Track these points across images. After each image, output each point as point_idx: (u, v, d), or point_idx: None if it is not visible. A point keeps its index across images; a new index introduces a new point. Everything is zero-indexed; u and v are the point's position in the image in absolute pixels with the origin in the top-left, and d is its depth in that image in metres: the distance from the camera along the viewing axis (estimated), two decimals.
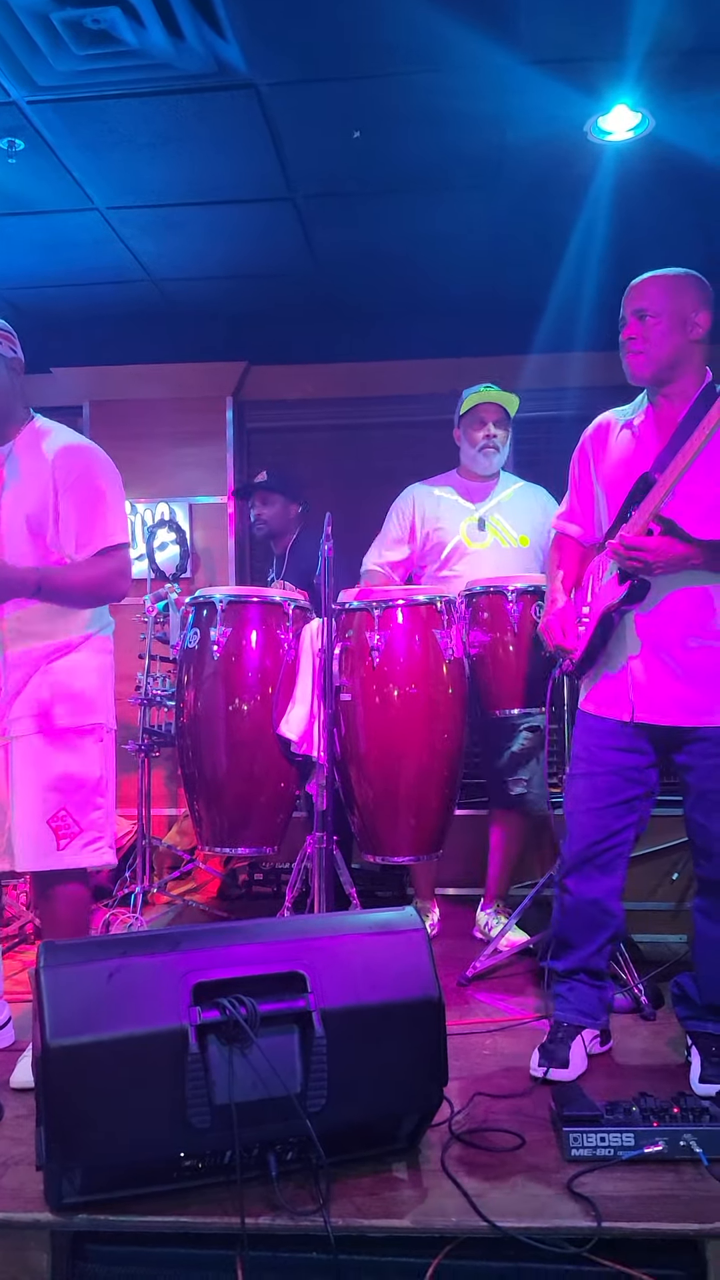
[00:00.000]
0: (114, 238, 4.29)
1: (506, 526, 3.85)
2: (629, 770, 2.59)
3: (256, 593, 3.58)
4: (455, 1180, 1.98)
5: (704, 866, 2.54)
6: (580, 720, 2.72)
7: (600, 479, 2.70)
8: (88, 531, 2.63)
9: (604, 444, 2.71)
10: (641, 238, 4.06)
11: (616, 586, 2.52)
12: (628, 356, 2.57)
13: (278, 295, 4.91)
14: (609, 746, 2.61)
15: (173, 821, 4.86)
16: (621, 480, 2.59)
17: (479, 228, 4.21)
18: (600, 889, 2.62)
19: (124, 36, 3.01)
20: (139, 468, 5.14)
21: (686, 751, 2.54)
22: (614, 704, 2.60)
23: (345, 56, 3.16)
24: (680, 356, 2.54)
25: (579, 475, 2.80)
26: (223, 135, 3.55)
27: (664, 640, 2.52)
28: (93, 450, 2.71)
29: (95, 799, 2.68)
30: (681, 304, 2.53)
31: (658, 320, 2.52)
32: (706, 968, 2.54)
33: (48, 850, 2.60)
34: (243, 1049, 1.90)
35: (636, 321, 2.55)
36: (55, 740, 2.63)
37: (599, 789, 2.61)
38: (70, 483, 2.62)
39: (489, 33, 3.04)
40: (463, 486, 3.96)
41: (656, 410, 2.61)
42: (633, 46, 3.10)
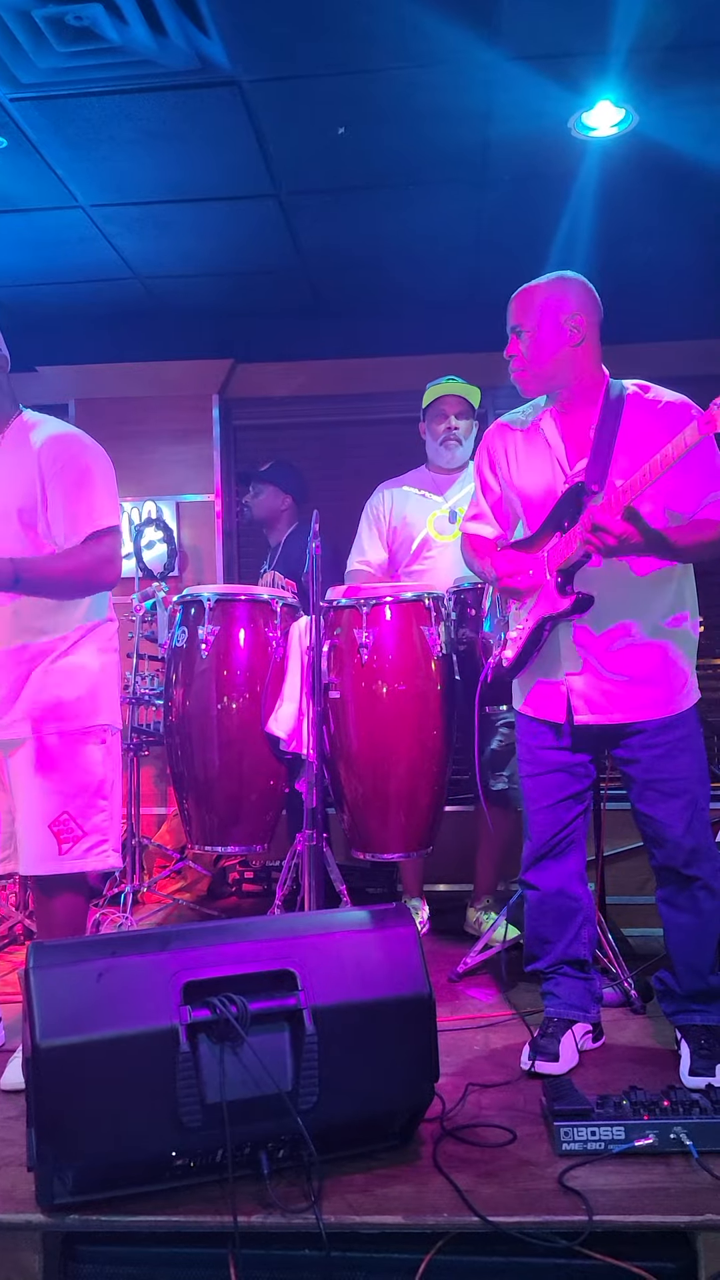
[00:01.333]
0: (98, 236, 4.28)
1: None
2: (573, 766, 2.64)
3: (244, 591, 3.58)
4: (447, 1175, 1.98)
5: (657, 855, 2.57)
6: (520, 723, 2.75)
7: (511, 483, 2.70)
8: (75, 515, 2.57)
9: (510, 448, 2.71)
10: (625, 234, 4.07)
11: (559, 597, 2.53)
12: (513, 375, 2.60)
13: (264, 292, 4.90)
14: (549, 746, 2.66)
15: (162, 820, 4.85)
16: (539, 484, 2.61)
17: (464, 223, 4.21)
18: (560, 877, 2.66)
19: (107, 33, 3.00)
20: (125, 466, 5.04)
21: (625, 746, 2.58)
22: (551, 708, 2.64)
23: (329, 53, 3.16)
24: (563, 364, 2.54)
25: (486, 480, 2.79)
26: (207, 132, 3.55)
27: (600, 650, 2.56)
28: (78, 436, 2.68)
29: (98, 802, 2.64)
30: (554, 313, 2.52)
31: (533, 334, 2.53)
32: (680, 955, 2.56)
33: (50, 855, 2.56)
34: (234, 1047, 1.90)
35: (515, 339, 2.56)
36: (56, 745, 2.60)
37: (547, 787, 2.66)
38: (56, 469, 2.58)
39: (472, 28, 3.04)
40: (429, 480, 3.96)
41: (562, 414, 2.62)
42: (616, 42, 3.11)
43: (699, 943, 2.55)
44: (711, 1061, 2.41)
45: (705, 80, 3.31)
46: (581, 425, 2.58)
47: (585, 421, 2.57)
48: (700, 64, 3.23)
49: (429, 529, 3.86)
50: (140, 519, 5.10)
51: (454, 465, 3.92)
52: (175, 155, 3.70)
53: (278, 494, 4.51)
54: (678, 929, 2.57)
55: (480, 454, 2.81)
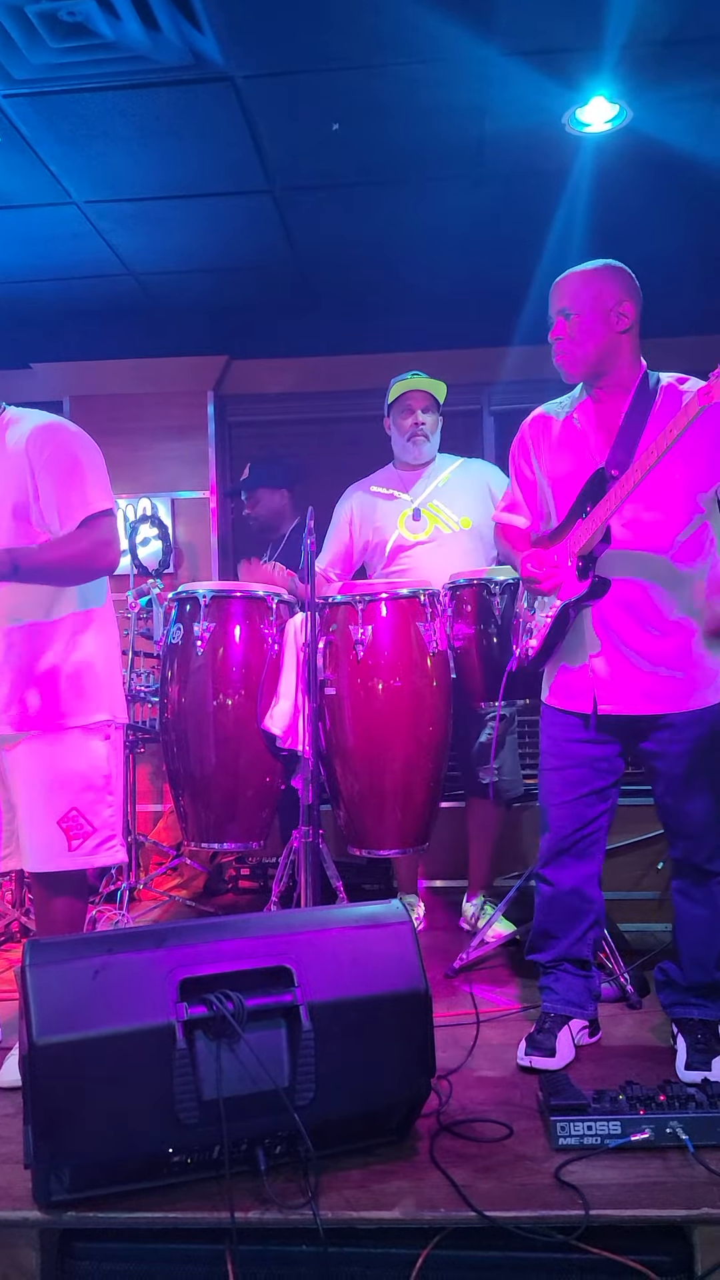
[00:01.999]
0: (92, 232, 4.27)
1: (446, 511, 3.84)
2: (598, 761, 2.62)
3: (240, 587, 3.57)
4: (444, 1171, 1.98)
5: (678, 848, 2.57)
6: (545, 714, 2.74)
7: (545, 473, 2.71)
8: (68, 503, 2.56)
9: (545, 438, 2.71)
10: (620, 229, 4.06)
11: (577, 582, 2.53)
12: (556, 358, 2.59)
13: (258, 289, 4.90)
14: (575, 740, 2.63)
15: (158, 817, 4.85)
16: (569, 473, 2.61)
17: (459, 219, 4.21)
18: (578, 877, 2.64)
19: (100, 29, 2.99)
20: (120, 463, 5.07)
21: (653, 739, 2.56)
22: (576, 698, 2.62)
23: (322, 48, 3.15)
24: (609, 350, 2.55)
25: (520, 469, 2.80)
26: (200, 128, 3.54)
27: (623, 634, 2.54)
28: (63, 424, 2.66)
29: (106, 797, 2.63)
30: (603, 298, 2.53)
31: (581, 318, 2.53)
32: (688, 947, 2.56)
33: (59, 852, 2.56)
34: (230, 1044, 1.90)
35: (562, 321, 2.56)
36: (61, 739, 2.59)
37: (570, 781, 2.64)
38: (44, 459, 2.56)
39: (467, 24, 3.04)
40: (397, 479, 3.96)
41: (596, 403, 2.62)
42: (610, 38, 3.11)
43: (709, 937, 2.55)
44: (708, 1056, 2.41)
45: (699, 76, 3.31)
46: (614, 414, 2.57)
47: (618, 411, 2.57)
48: (694, 59, 3.23)
49: (400, 530, 3.85)
50: (135, 516, 5.10)
51: (421, 461, 3.92)
52: (169, 151, 3.69)
53: (271, 492, 4.51)
54: (690, 921, 2.57)
55: (516, 443, 2.81)
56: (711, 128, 3.58)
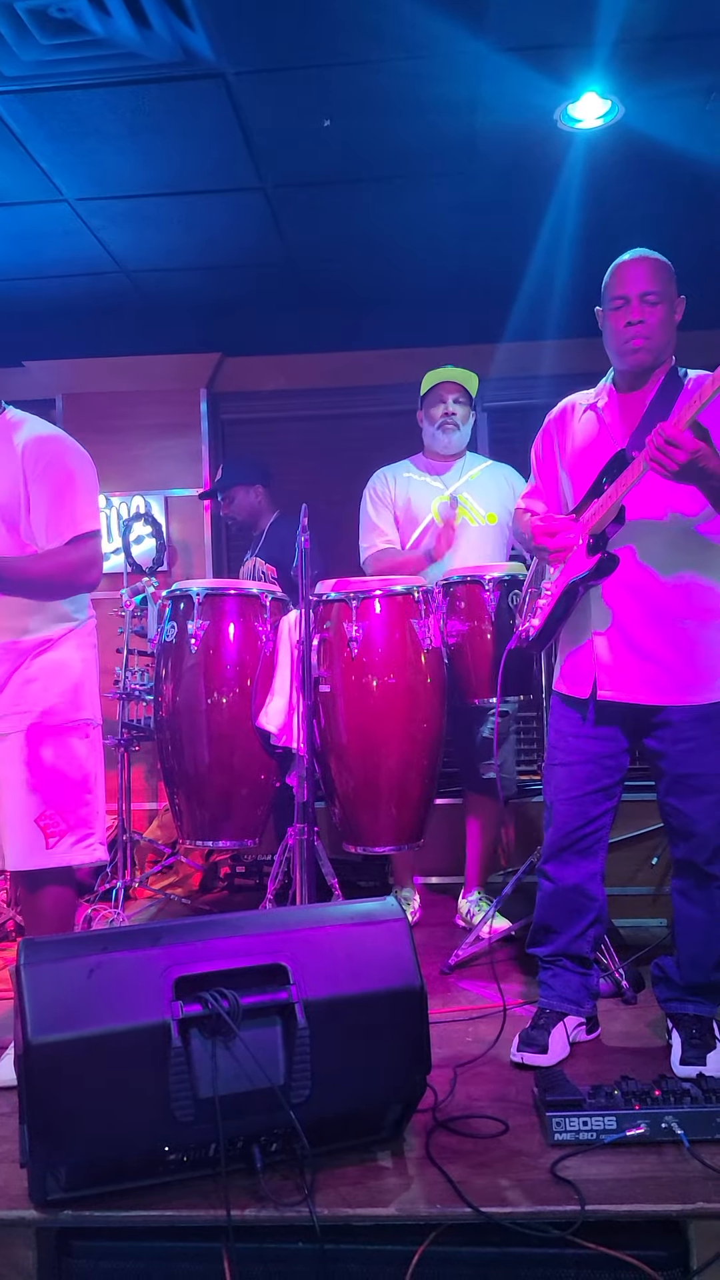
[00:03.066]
0: (84, 229, 4.26)
1: (474, 504, 3.87)
2: (605, 758, 2.61)
3: (234, 585, 3.57)
4: (440, 1167, 1.99)
5: (681, 848, 2.56)
6: (554, 705, 2.74)
7: (565, 461, 2.71)
8: (57, 519, 2.59)
9: (567, 426, 2.72)
10: (612, 225, 4.06)
11: (585, 558, 2.52)
12: (633, 341, 2.52)
13: (251, 286, 4.88)
14: (583, 735, 2.62)
15: (153, 816, 4.85)
16: (588, 462, 2.61)
17: (451, 216, 4.20)
18: (581, 874, 2.64)
19: (90, 26, 2.98)
20: (113, 461, 5.11)
21: (656, 736, 2.55)
22: (579, 682, 2.62)
23: (313, 44, 3.14)
24: (670, 343, 2.57)
25: (543, 456, 2.81)
26: (192, 125, 3.53)
27: (627, 618, 2.53)
28: (63, 438, 2.69)
29: (83, 795, 2.65)
30: (672, 289, 2.55)
31: (660, 306, 2.53)
32: (687, 947, 2.56)
33: (36, 849, 2.57)
34: (226, 1042, 1.90)
35: (640, 305, 2.52)
36: (39, 739, 2.61)
37: (578, 777, 2.62)
38: (39, 471, 2.59)
39: (458, 19, 3.02)
40: (428, 466, 3.98)
41: (621, 394, 2.62)
42: (601, 33, 3.10)
43: (707, 939, 2.54)
44: (702, 1051, 2.42)
45: (690, 72, 3.30)
46: (639, 403, 2.58)
47: (643, 399, 2.57)
48: (684, 55, 3.22)
49: (434, 514, 3.86)
50: (129, 514, 5.10)
51: (450, 451, 3.93)
52: (160, 148, 3.68)
53: (246, 490, 4.52)
54: (689, 922, 2.56)
55: (540, 433, 2.82)
56: (702, 124, 3.57)
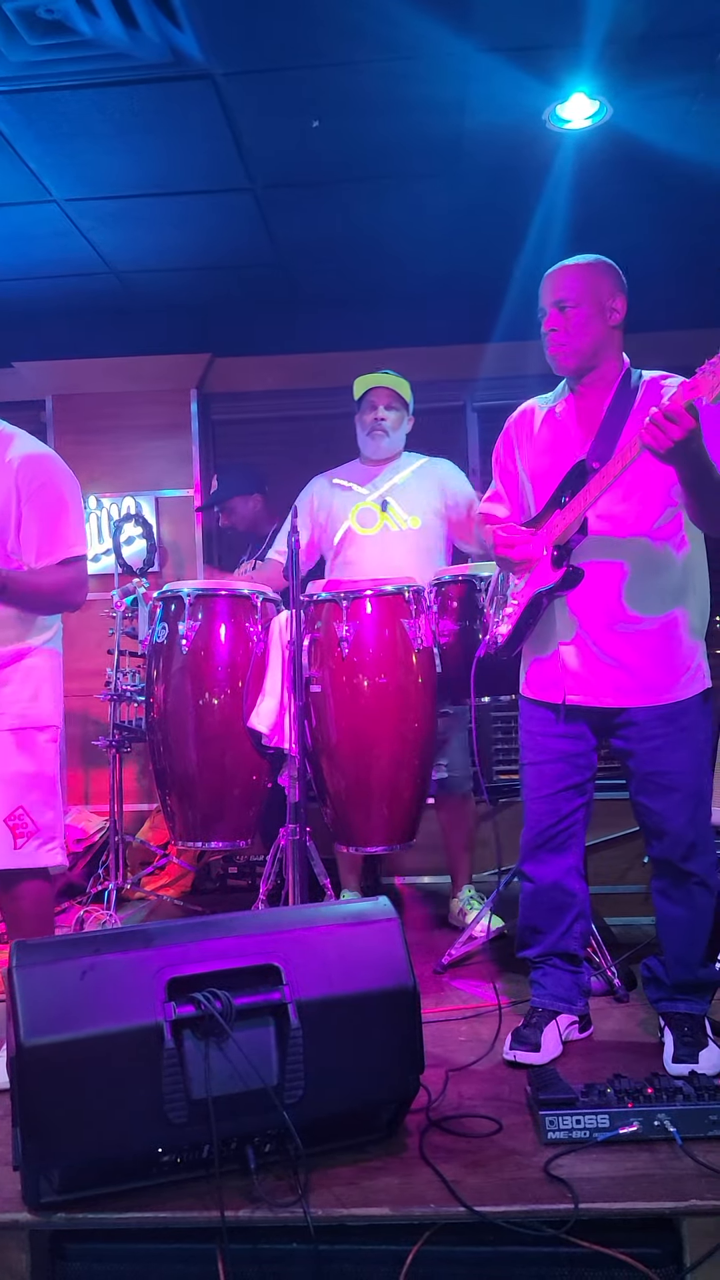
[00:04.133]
0: (73, 230, 4.25)
1: (398, 509, 3.88)
2: (575, 757, 2.64)
3: (224, 586, 3.56)
4: (434, 1167, 1.99)
5: (656, 847, 2.57)
6: (522, 708, 2.76)
7: (525, 466, 2.73)
8: (50, 541, 2.67)
9: (528, 431, 2.74)
10: (600, 226, 4.08)
11: (551, 570, 2.54)
12: (551, 349, 2.59)
13: (241, 286, 4.89)
14: (551, 734, 2.65)
15: (145, 817, 4.84)
16: (548, 467, 2.63)
17: (440, 216, 4.21)
18: (558, 870, 2.66)
19: (78, 26, 2.99)
20: (104, 462, 5.11)
21: (622, 736, 2.58)
22: (548, 688, 2.64)
23: (302, 45, 3.14)
24: (601, 344, 2.57)
25: (504, 460, 2.82)
26: (181, 126, 3.53)
27: (592, 625, 2.56)
28: (56, 459, 2.75)
29: (51, 799, 2.72)
30: (599, 291, 2.55)
31: (578, 310, 2.54)
32: (671, 947, 2.57)
33: (4, 850, 2.62)
34: (219, 1043, 1.90)
35: (557, 313, 2.56)
36: (11, 738, 2.66)
37: (548, 776, 2.65)
38: (33, 491, 2.65)
39: (447, 20, 3.04)
40: (359, 472, 4.01)
41: (578, 398, 2.64)
42: (589, 34, 3.11)
43: (691, 936, 2.55)
44: (694, 1049, 2.42)
45: (677, 72, 3.32)
46: (596, 409, 2.59)
47: (600, 405, 2.59)
48: (672, 55, 3.24)
49: (351, 521, 3.89)
50: (119, 515, 5.09)
51: (380, 456, 3.95)
52: (150, 149, 3.68)
53: (245, 500, 4.54)
54: (671, 922, 2.58)
55: (500, 437, 2.84)
56: (689, 124, 3.59)
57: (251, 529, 4.61)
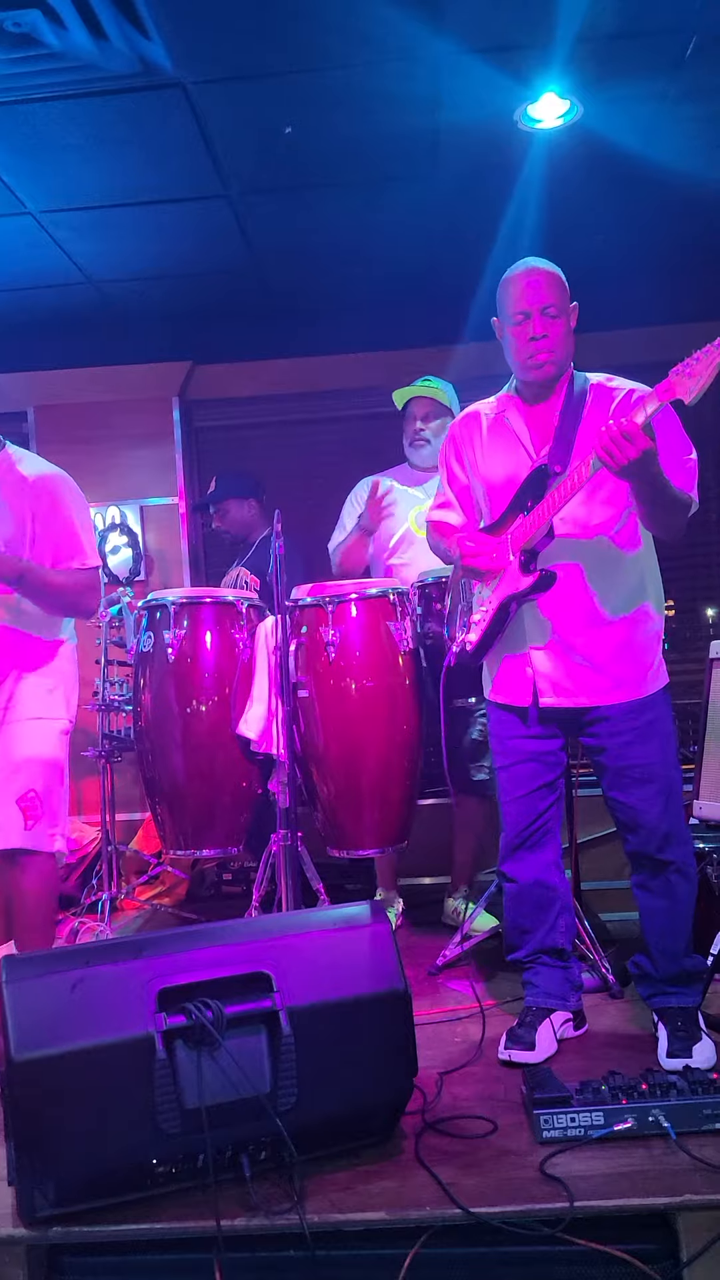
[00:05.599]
0: (49, 241, 4.25)
1: None
2: (545, 755, 2.66)
3: (209, 593, 3.57)
4: (429, 1169, 1.99)
5: (631, 841, 2.59)
6: (490, 712, 2.78)
7: (477, 471, 2.73)
8: (65, 550, 2.87)
9: (475, 437, 2.74)
10: (572, 225, 4.09)
11: (521, 576, 2.55)
12: (540, 356, 2.54)
13: (219, 293, 4.88)
14: (520, 735, 2.67)
15: (137, 826, 4.83)
16: (504, 472, 2.64)
17: (415, 219, 4.21)
18: (537, 867, 2.68)
19: (46, 39, 2.98)
20: (87, 471, 5.05)
21: (591, 733, 2.60)
22: (517, 692, 2.66)
23: (272, 52, 3.14)
24: (572, 351, 2.60)
25: (452, 468, 2.82)
26: (153, 135, 3.53)
27: (564, 627, 2.58)
28: (67, 479, 2.93)
29: (59, 785, 2.87)
30: (568, 298, 2.58)
31: (561, 319, 2.55)
32: (655, 940, 2.59)
33: (14, 829, 2.76)
34: (211, 1052, 1.90)
35: (544, 319, 2.53)
36: (30, 726, 2.83)
37: (519, 777, 2.68)
38: (46, 507, 2.84)
39: (417, 22, 3.04)
40: (409, 477, 4.03)
41: (527, 403, 2.65)
42: (560, 33, 3.12)
43: (674, 927, 2.57)
44: (688, 1043, 2.43)
45: (648, 72, 3.32)
46: (548, 412, 2.60)
47: (550, 409, 2.60)
48: (642, 55, 3.24)
49: (410, 523, 3.89)
50: (104, 524, 5.08)
51: (426, 464, 3.97)
52: (123, 159, 3.68)
53: (240, 503, 4.52)
54: (653, 914, 2.59)
55: (446, 444, 2.84)
56: (659, 124, 3.60)
57: (242, 533, 4.61)
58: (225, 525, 4.58)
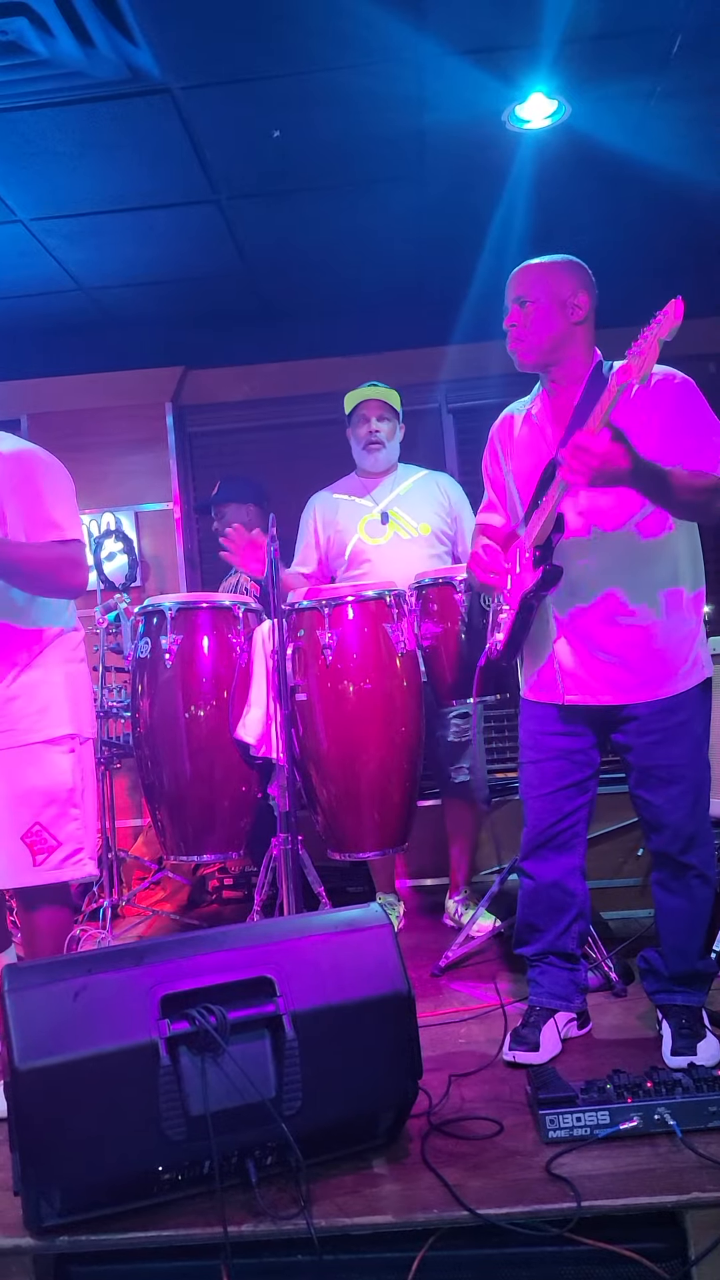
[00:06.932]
0: (40, 249, 4.25)
1: (405, 518, 3.88)
2: (574, 754, 2.63)
3: (206, 598, 3.56)
4: (435, 1171, 1.99)
5: (655, 840, 2.57)
6: (523, 707, 2.76)
7: (511, 471, 2.73)
8: (38, 524, 2.61)
9: (509, 437, 2.74)
10: (561, 225, 4.11)
11: (532, 571, 2.54)
12: (510, 344, 2.60)
13: (210, 298, 4.89)
14: (550, 732, 2.64)
15: (138, 832, 4.83)
16: (529, 470, 2.63)
17: (404, 220, 4.22)
18: (559, 870, 2.65)
19: (34, 47, 2.99)
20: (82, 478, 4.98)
21: (622, 731, 2.57)
22: (546, 688, 2.64)
23: (259, 56, 3.15)
24: (562, 340, 2.57)
25: (492, 470, 2.83)
26: (142, 141, 3.53)
27: (583, 624, 2.56)
28: (35, 451, 2.70)
29: (70, 811, 2.65)
30: (559, 288, 2.56)
31: (536, 306, 2.55)
32: (670, 939, 2.57)
33: (24, 867, 2.58)
34: (215, 1058, 1.90)
35: (517, 309, 2.57)
36: (21, 754, 2.62)
37: (547, 774, 2.65)
38: (14, 484, 2.61)
39: (404, 25, 3.04)
40: (359, 485, 4.00)
41: (551, 397, 2.64)
42: (547, 33, 3.13)
43: (690, 928, 2.55)
44: (692, 1040, 2.42)
45: (634, 71, 3.33)
46: (567, 405, 2.59)
47: (570, 401, 2.58)
48: (628, 54, 3.25)
49: (360, 534, 3.88)
50: (99, 531, 5.08)
51: (379, 468, 3.95)
52: (112, 165, 3.68)
53: (239, 508, 4.54)
54: (670, 913, 2.57)
55: (487, 448, 2.84)
56: (647, 123, 3.61)
57: None
58: (223, 528, 4.59)
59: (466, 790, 3.69)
